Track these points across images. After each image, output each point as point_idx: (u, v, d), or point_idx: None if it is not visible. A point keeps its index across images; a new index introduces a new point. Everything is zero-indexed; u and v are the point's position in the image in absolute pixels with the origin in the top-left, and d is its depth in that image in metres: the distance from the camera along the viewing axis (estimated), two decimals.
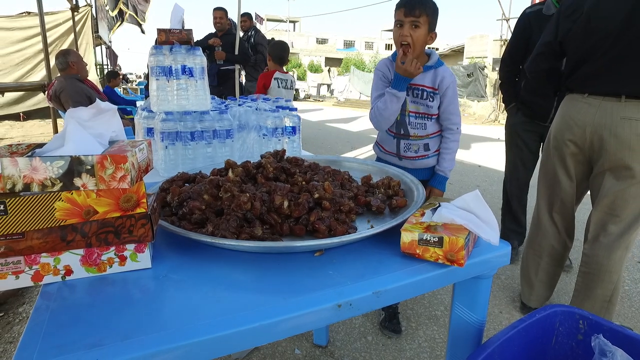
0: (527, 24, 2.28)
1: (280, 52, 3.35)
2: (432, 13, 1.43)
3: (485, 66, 13.45)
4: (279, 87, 3.31)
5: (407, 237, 0.72)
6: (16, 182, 0.58)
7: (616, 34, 1.49)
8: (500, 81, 2.57)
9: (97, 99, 0.71)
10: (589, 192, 1.80)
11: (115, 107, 0.72)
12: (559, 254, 1.88)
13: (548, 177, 1.83)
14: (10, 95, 8.21)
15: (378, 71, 1.59)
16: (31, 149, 0.64)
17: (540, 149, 2.49)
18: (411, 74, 1.41)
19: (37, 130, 7.77)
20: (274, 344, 1.71)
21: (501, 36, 12.46)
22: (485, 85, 13.32)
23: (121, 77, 7.78)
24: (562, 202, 1.80)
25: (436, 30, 1.48)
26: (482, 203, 0.78)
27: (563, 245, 1.87)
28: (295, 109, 1.51)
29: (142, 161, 0.68)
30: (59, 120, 4.67)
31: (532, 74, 1.89)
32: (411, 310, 2.00)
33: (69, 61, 3.23)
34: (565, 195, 1.79)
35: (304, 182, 0.90)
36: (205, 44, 4.47)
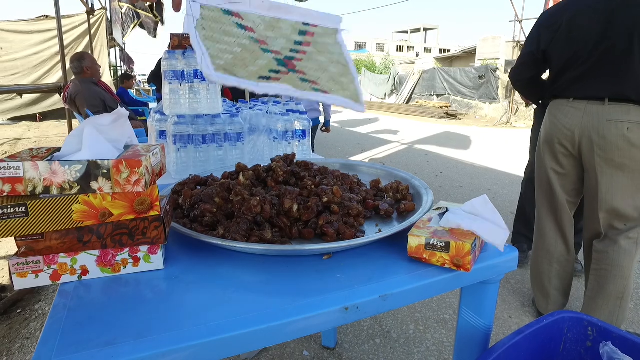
0: None
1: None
2: None
3: (497, 68, 13.31)
4: None
5: (414, 241, 0.72)
6: (37, 185, 0.61)
7: (593, 43, 1.60)
8: None
9: (120, 107, 0.74)
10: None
11: (127, 113, 0.74)
12: (568, 259, 1.89)
13: (543, 184, 1.89)
14: (27, 97, 8.42)
15: None
16: (50, 153, 0.66)
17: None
18: None
19: (53, 131, 7.94)
20: (282, 345, 1.73)
21: (514, 38, 12.33)
22: (497, 87, 13.17)
23: (135, 78, 7.92)
24: (562, 207, 1.84)
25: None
26: (490, 207, 0.78)
27: (569, 250, 1.89)
28: (305, 113, 1.52)
29: (156, 165, 0.70)
30: (74, 121, 4.76)
31: (517, 82, 1.99)
32: (419, 313, 2.00)
33: (84, 66, 3.31)
34: (562, 200, 1.83)
35: (313, 186, 0.92)
36: None
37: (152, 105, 5.80)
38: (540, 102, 2.36)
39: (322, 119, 4.00)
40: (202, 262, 0.75)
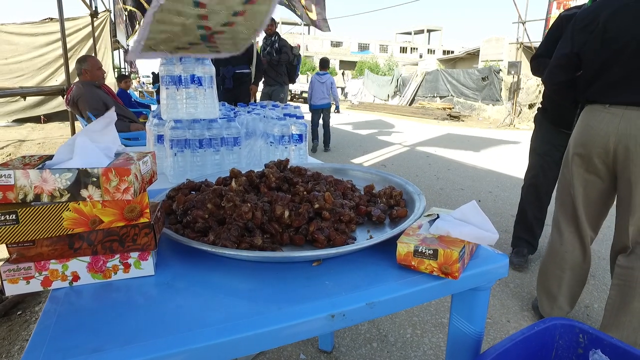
0: (560, 25, 2.25)
1: None
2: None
3: (500, 70, 13.27)
4: None
5: (403, 248, 0.73)
6: (27, 193, 0.61)
7: (634, 45, 1.49)
8: (534, 73, 2.47)
9: (112, 109, 0.74)
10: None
11: (114, 115, 0.74)
12: (583, 267, 1.84)
13: (568, 191, 1.80)
14: (31, 99, 8.47)
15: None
16: (42, 161, 0.67)
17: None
18: None
19: (57, 133, 7.99)
20: (279, 348, 1.73)
21: (517, 39, 12.30)
22: (501, 89, 13.13)
23: (133, 79, 7.99)
24: (585, 216, 1.77)
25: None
26: (479, 213, 0.78)
27: (586, 259, 1.84)
28: (302, 117, 1.53)
29: (146, 173, 0.70)
30: (76, 123, 4.80)
31: (552, 86, 1.88)
32: (417, 317, 2.00)
33: (82, 68, 3.34)
34: (588, 209, 1.76)
35: (305, 192, 0.92)
36: None
37: (154, 107, 5.83)
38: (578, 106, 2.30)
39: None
40: (193, 268, 0.75)
